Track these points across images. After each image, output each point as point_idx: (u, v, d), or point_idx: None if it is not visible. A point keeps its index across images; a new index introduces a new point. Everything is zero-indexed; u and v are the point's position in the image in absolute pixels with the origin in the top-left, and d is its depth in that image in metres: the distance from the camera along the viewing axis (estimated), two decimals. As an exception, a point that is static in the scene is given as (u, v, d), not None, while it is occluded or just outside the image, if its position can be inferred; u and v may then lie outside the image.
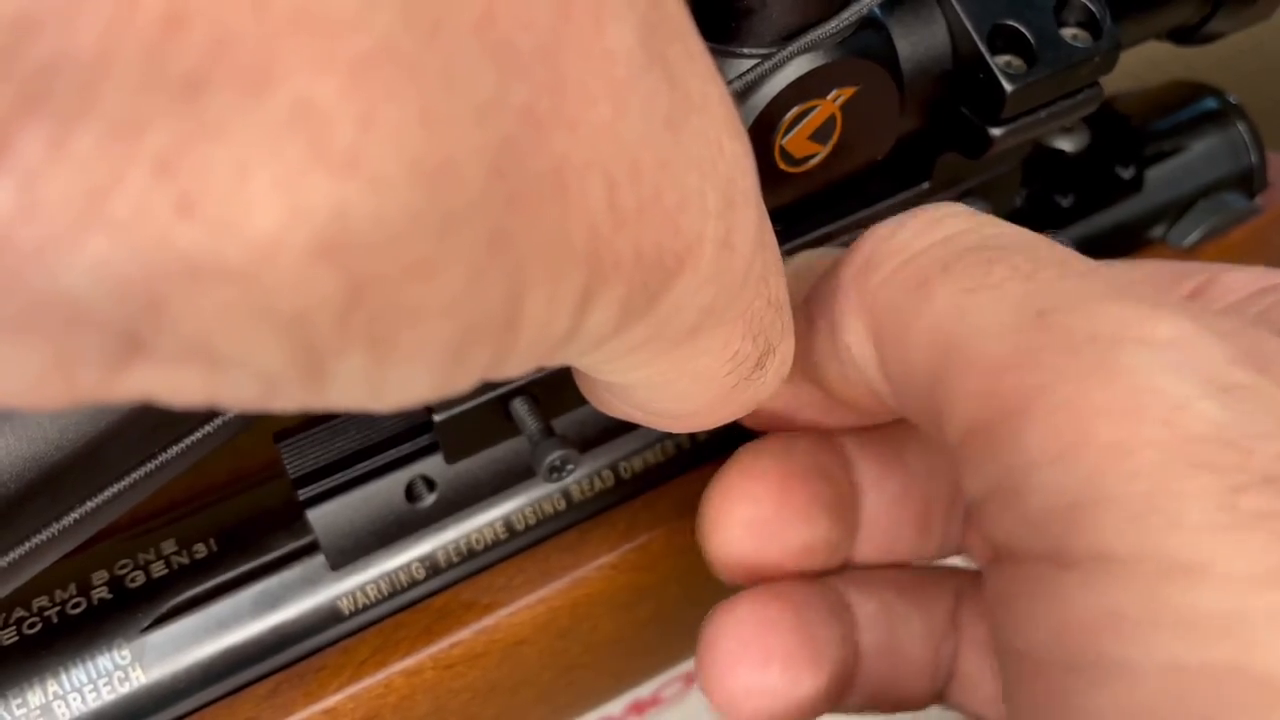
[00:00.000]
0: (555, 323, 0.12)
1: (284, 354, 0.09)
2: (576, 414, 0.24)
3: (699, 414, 0.17)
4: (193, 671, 0.22)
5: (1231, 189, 0.31)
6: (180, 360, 0.09)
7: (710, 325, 0.14)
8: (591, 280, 0.11)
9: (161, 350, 0.09)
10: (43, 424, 0.15)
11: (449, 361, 0.11)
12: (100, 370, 0.09)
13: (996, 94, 0.20)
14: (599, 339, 0.13)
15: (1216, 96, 0.32)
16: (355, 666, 0.22)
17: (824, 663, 0.21)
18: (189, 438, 0.16)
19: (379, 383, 0.11)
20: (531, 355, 0.12)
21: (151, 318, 0.09)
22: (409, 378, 0.11)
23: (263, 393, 0.10)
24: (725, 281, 0.14)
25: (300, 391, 0.10)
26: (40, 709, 0.21)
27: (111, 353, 0.09)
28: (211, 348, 0.09)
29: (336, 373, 0.10)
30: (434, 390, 0.11)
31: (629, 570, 0.25)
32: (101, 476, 0.16)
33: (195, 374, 0.09)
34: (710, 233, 0.13)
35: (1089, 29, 0.21)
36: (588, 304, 0.12)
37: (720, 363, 0.16)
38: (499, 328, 0.11)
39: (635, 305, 0.12)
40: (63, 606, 0.22)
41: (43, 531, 0.15)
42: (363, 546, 0.23)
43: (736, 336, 0.15)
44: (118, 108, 0.08)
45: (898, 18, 0.20)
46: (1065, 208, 0.29)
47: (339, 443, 0.23)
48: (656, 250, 0.12)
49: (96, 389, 0.09)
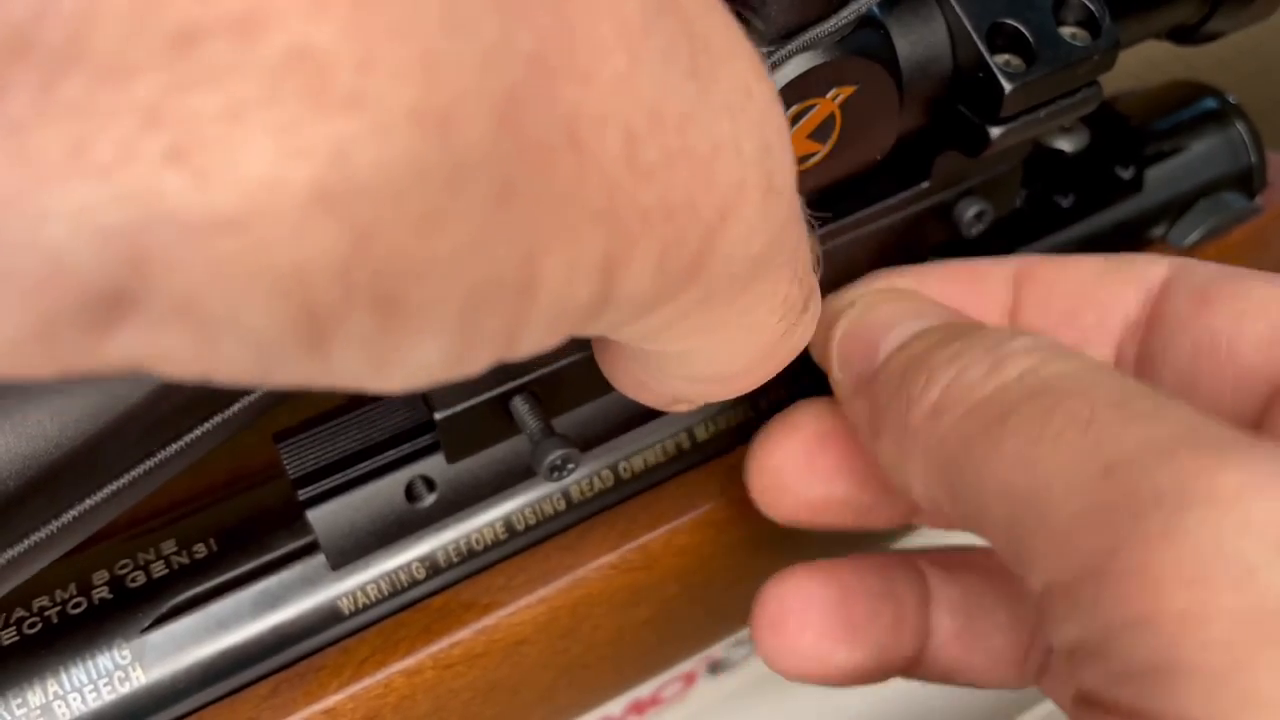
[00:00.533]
0: (577, 288, 0.11)
1: (281, 315, 0.09)
2: (576, 413, 0.24)
3: (747, 372, 0.17)
4: (193, 671, 0.22)
5: (1231, 189, 0.31)
6: (169, 323, 0.09)
7: (762, 274, 0.14)
8: (615, 242, 0.11)
9: (148, 312, 0.09)
10: (42, 422, 0.15)
11: (460, 330, 0.10)
12: (84, 333, 0.09)
13: (995, 93, 0.20)
14: (642, 304, 0.12)
15: (1216, 96, 0.32)
16: (355, 666, 0.22)
17: (862, 639, 0.23)
18: (188, 437, 0.16)
19: (385, 352, 0.10)
20: (555, 324, 0.11)
21: (137, 273, 0.08)
22: (417, 348, 0.10)
23: (259, 362, 0.10)
24: (774, 228, 0.13)
25: (299, 361, 0.10)
26: (40, 709, 0.21)
27: (95, 314, 0.08)
28: (202, 308, 0.09)
29: (338, 339, 0.10)
30: (445, 364, 0.11)
31: (628, 570, 0.24)
32: (101, 475, 0.16)
33: (185, 339, 0.09)
34: (752, 180, 0.13)
35: (1088, 28, 0.21)
36: (616, 268, 0.11)
37: (772, 311, 0.15)
38: (513, 292, 0.10)
39: (676, 267, 0.12)
40: (63, 606, 0.22)
41: (42, 530, 0.15)
42: (363, 546, 0.23)
43: (785, 280, 0.15)
44: (106, 55, 0.07)
45: (896, 16, 0.20)
46: (1065, 208, 0.29)
47: (339, 443, 0.23)
48: (690, 205, 0.12)
49: (81, 355, 0.09)
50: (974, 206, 0.25)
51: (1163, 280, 0.21)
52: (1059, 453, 0.16)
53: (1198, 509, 0.14)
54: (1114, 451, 0.15)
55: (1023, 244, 0.29)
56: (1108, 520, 0.14)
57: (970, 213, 0.25)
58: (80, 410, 0.15)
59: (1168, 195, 0.30)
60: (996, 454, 0.16)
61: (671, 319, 0.13)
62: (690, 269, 0.12)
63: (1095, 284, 0.22)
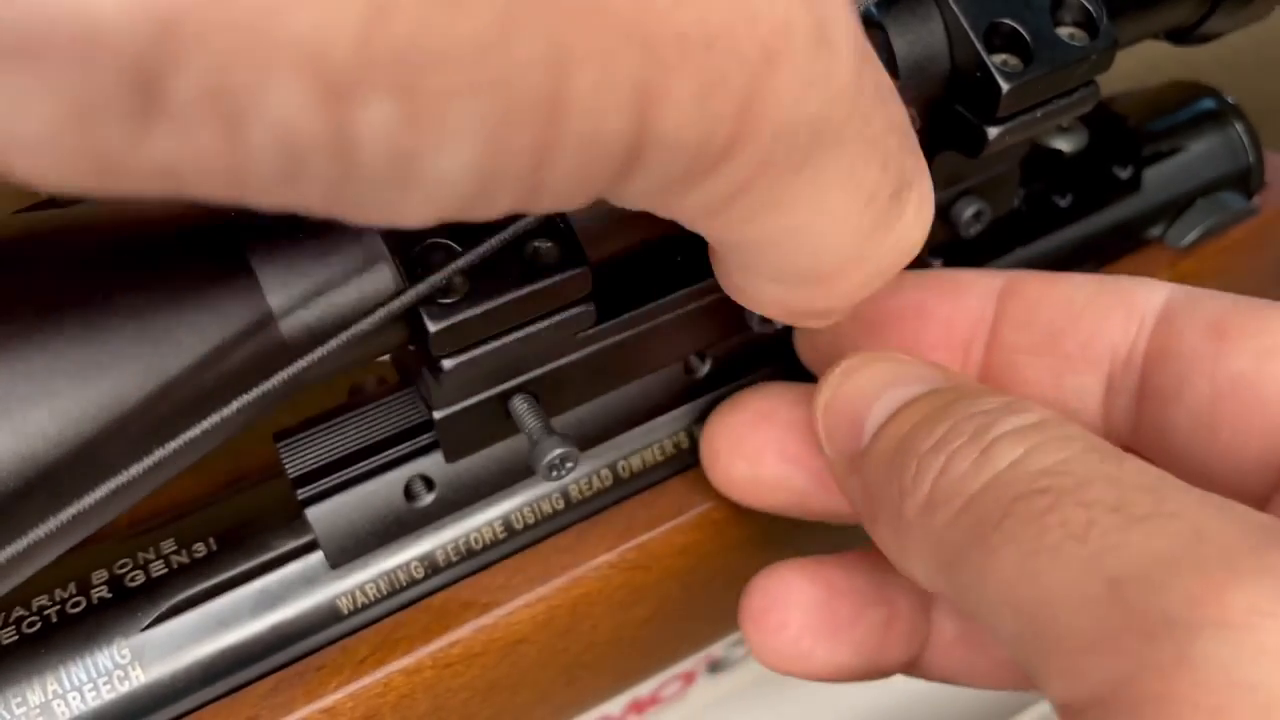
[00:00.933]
0: (610, 117, 0.11)
1: (305, 91, 0.09)
2: (576, 413, 0.24)
3: (840, 272, 0.16)
4: (192, 670, 0.22)
5: (1229, 189, 0.31)
6: (200, 115, 0.09)
7: (828, 145, 0.14)
8: (649, 69, 0.11)
9: (180, 99, 0.09)
10: (42, 422, 0.15)
11: (486, 140, 0.10)
12: (120, 127, 0.09)
13: (993, 92, 0.20)
14: (688, 155, 0.12)
15: (1214, 96, 0.32)
16: (354, 665, 0.22)
17: (844, 639, 0.22)
18: (188, 436, 0.16)
19: (410, 156, 0.10)
20: (586, 162, 0.11)
21: (169, 43, 0.08)
22: (442, 154, 0.10)
23: (288, 162, 0.10)
24: (832, 88, 0.13)
25: (327, 160, 0.10)
26: (40, 708, 0.21)
27: (130, 104, 0.09)
28: (230, 90, 0.09)
29: (364, 128, 0.10)
30: (468, 186, 0.11)
31: (628, 570, 0.25)
32: (101, 475, 0.16)
33: (216, 134, 0.09)
34: (800, 23, 0.12)
35: (1086, 28, 0.21)
36: (651, 100, 0.11)
37: (852, 195, 0.15)
38: (541, 104, 0.10)
39: (721, 109, 0.12)
40: (62, 605, 0.22)
41: (42, 530, 0.15)
42: (362, 546, 0.23)
43: (863, 162, 0.15)
44: None
45: (894, 16, 0.20)
46: (1063, 207, 0.29)
47: (338, 442, 0.23)
48: (730, 37, 0.11)
49: (120, 154, 0.09)
50: (972, 206, 0.25)
51: (1160, 309, 0.20)
52: (1059, 566, 0.15)
53: (1209, 634, 0.13)
54: (1116, 566, 0.14)
55: (1021, 244, 0.29)
56: (1119, 645, 0.14)
57: (968, 213, 0.25)
58: (80, 410, 0.15)
59: (1166, 195, 0.30)
60: (995, 561, 0.16)
61: (732, 189, 0.13)
62: (738, 117, 0.12)
63: (1084, 306, 0.21)
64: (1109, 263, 0.30)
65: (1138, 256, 0.30)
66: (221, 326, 0.16)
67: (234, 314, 0.17)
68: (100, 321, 0.15)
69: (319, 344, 0.16)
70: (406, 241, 0.17)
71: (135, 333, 0.16)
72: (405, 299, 0.17)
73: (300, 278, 0.17)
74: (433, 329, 0.18)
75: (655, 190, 0.13)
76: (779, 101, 0.12)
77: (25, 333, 0.15)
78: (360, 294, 0.18)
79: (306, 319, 0.17)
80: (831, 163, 0.14)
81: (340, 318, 0.17)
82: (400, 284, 0.17)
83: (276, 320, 0.17)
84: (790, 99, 0.12)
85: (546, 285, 0.18)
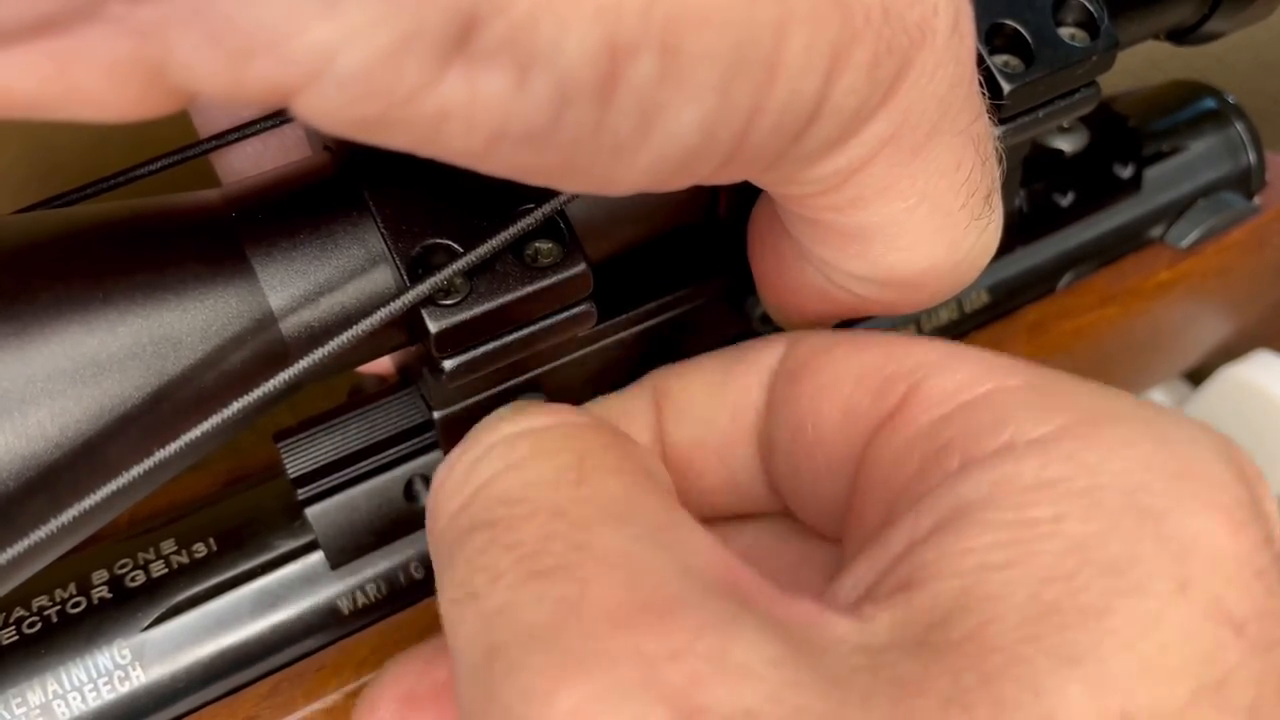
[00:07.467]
0: (807, 78, 0.12)
1: (592, 44, 0.10)
2: (576, 413, 0.24)
3: (932, 272, 0.16)
4: (192, 670, 0.22)
5: (1230, 188, 0.31)
6: (496, 58, 0.10)
7: (944, 132, 0.15)
8: (843, 32, 0.12)
9: (486, 41, 0.10)
10: (42, 422, 0.15)
11: (716, 96, 0.11)
12: (426, 66, 0.10)
13: (994, 93, 0.20)
14: (847, 120, 0.13)
15: (1215, 96, 0.32)
16: (354, 666, 0.22)
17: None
18: (188, 437, 0.16)
19: (654, 111, 0.11)
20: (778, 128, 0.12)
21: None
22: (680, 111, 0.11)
23: (554, 112, 0.11)
24: (956, 73, 0.14)
25: (588, 111, 0.11)
26: (40, 708, 0.21)
27: (445, 44, 0.10)
28: (531, 35, 0.10)
29: (624, 83, 0.11)
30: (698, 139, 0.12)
31: (628, 569, 0.24)
32: (101, 475, 0.16)
33: (504, 78, 0.10)
34: (944, 8, 0.14)
35: (1087, 29, 0.21)
36: (837, 64, 0.12)
37: (954, 188, 0.16)
38: (763, 63, 0.12)
39: (882, 76, 0.13)
40: (63, 606, 0.22)
41: (42, 530, 0.15)
42: (362, 546, 0.23)
43: (969, 153, 0.16)
44: None
45: (896, 17, 0.20)
46: (1064, 207, 0.29)
47: (339, 442, 0.23)
48: (900, 10, 0.13)
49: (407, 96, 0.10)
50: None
51: (775, 364, 0.19)
52: (466, 621, 0.14)
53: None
54: (493, 640, 0.13)
55: (1022, 243, 0.29)
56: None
57: (969, 213, 0.25)
58: (80, 410, 0.15)
59: (1167, 195, 0.30)
60: (442, 595, 0.15)
61: (855, 165, 0.14)
62: (892, 84, 0.13)
63: (721, 385, 0.20)
64: (1110, 263, 0.30)
65: (1138, 256, 0.30)
66: (222, 326, 0.16)
67: (235, 314, 0.17)
68: (100, 321, 0.15)
69: (320, 344, 0.16)
70: (407, 242, 0.17)
71: (136, 333, 0.16)
72: (406, 299, 0.17)
73: (301, 278, 0.17)
74: (434, 329, 0.18)
75: (800, 159, 0.14)
76: (917, 77, 0.14)
77: (25, 333, 0.15)
78: (361, 294, 0.18)
79: (307, 319, 0.17)
80: (943, 152, 0.15)
81: (341, 318, 0.17)
82: (401, 284, 0.17)
83: (277, 320, 0.17)
84: (926, 76, 0.14)
85: (547, 285, 0.18)
